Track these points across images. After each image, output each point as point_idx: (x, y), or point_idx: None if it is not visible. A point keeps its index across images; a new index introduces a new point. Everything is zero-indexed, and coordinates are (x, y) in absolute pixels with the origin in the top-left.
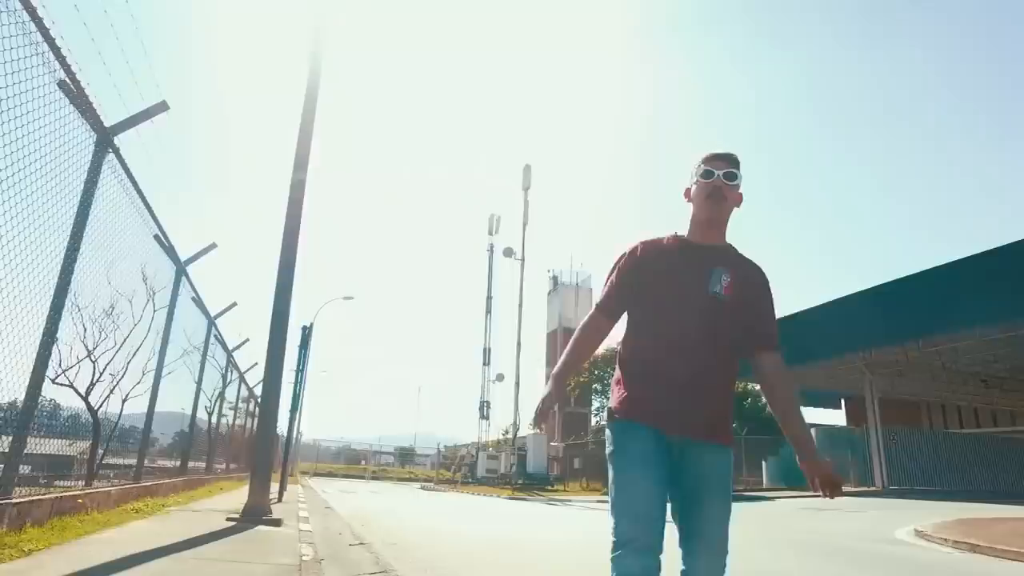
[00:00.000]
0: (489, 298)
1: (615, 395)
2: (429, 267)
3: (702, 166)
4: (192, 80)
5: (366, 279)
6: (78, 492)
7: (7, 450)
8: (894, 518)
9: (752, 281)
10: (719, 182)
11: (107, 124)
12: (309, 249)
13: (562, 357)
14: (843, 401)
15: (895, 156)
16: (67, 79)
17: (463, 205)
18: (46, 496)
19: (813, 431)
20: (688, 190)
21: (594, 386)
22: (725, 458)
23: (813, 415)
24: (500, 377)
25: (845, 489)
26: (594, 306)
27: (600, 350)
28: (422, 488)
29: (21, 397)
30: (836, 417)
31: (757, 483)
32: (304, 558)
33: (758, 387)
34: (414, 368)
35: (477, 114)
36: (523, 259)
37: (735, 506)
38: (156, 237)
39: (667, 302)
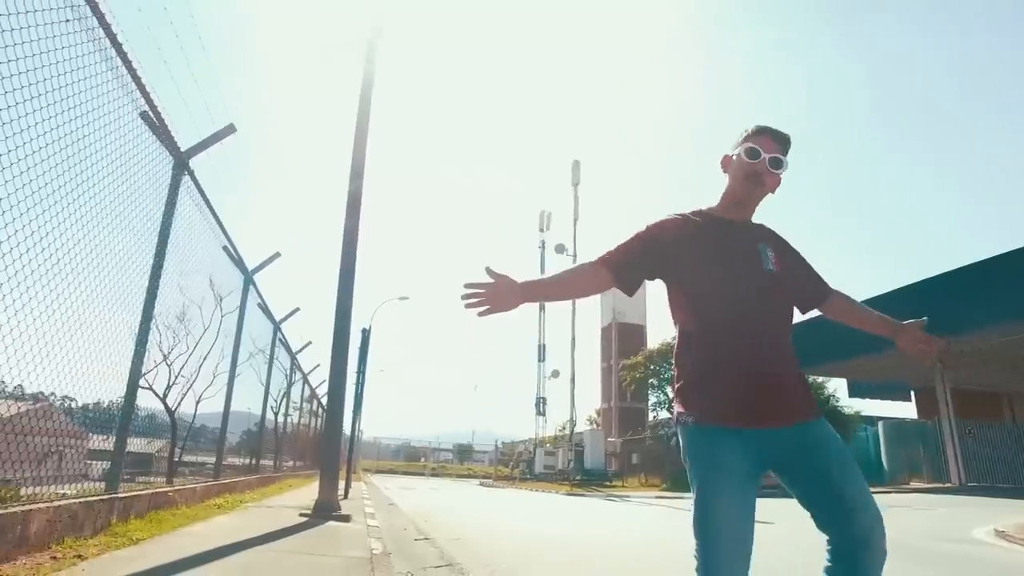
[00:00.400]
0: None
1: (684, 397)
2: (482, 264)
3: (749, 142)
4: (248, 88)
5: (420, 278)
6: (170, 488)
7: (108, 448)
8: (971, 516)
9: (783, 246)
10: (762, 167)
11: (183, 148)
12: (363, 250)
13: (543, 279)
14: (913, 393)
15: (966, 151)
16: (148, 110)
17: (513, 202)
18: (144, 492)
19: (880, 424)
20: (727, 159)
21: (650, 381)
22: (829, 427)
23: (881, 407)
24: (555, 373)
25: (916, 485)
26: (598, 257)
27: (655, 344)
28: (481, 484)
29: (107, 398)
30: (906, 410)
31: None
32: (374, 552)
33: (818, 379)
34: (471, 365)
35: (526, 112)
36: (575, 255)
37: (794, 503)
38: (225, 248)
39: (727, 286)
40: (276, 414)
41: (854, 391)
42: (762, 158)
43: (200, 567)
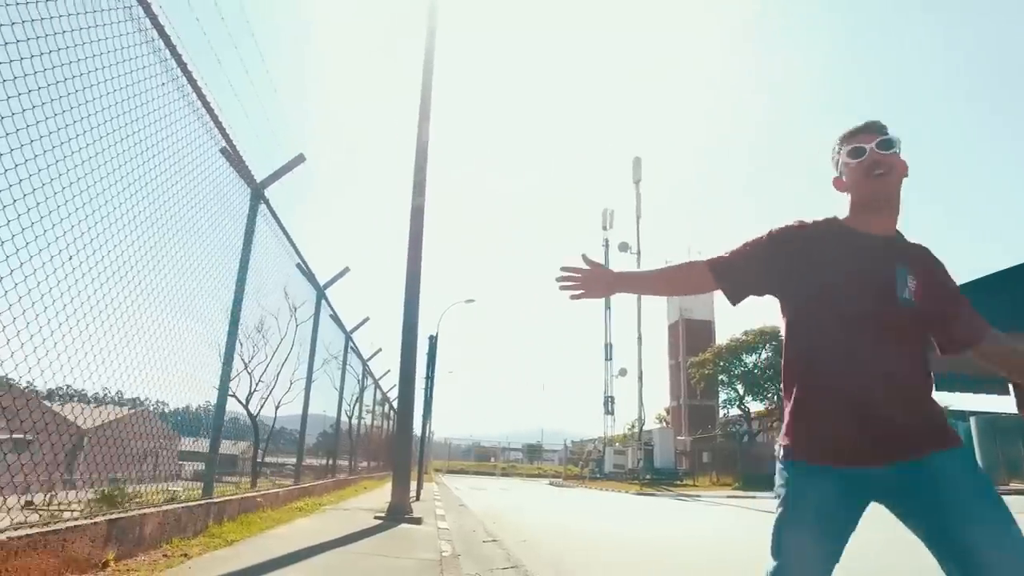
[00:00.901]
0: None
1: (786, 424)
2: (545, 264)
3: (847, 146)
4: (307, 95)
5: (484, 279)
6: (256, 493)
7: (197, 451)
8: None
9: (933, 271)
10: (876, 155)
11: (258, 179)
12: (428, 253)
13: (640, 272)
14: (1011, 386)
15: None
16: (227, 147)
17: (576, 200)
18: (234, 497)
19: (972, 420)
20: (838, 180)
21: (720, 377)
22: (965, 458)
23: (972, 402)
24: (623, 372)
25: (1017, 486)
26: (706, 259)
27: (724, 340)
28: (550, 484)
29: (195, 402)
30: (1004, 404)
31: None
32: (444, 554)
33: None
34: (539, 365)
35: (585, 107)
36: (639, 252)
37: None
38: (298, 266)
39: (850, 308)
40: (350, 418)
41: (941, 384)
42: (870, 148)
43: (288, 567)
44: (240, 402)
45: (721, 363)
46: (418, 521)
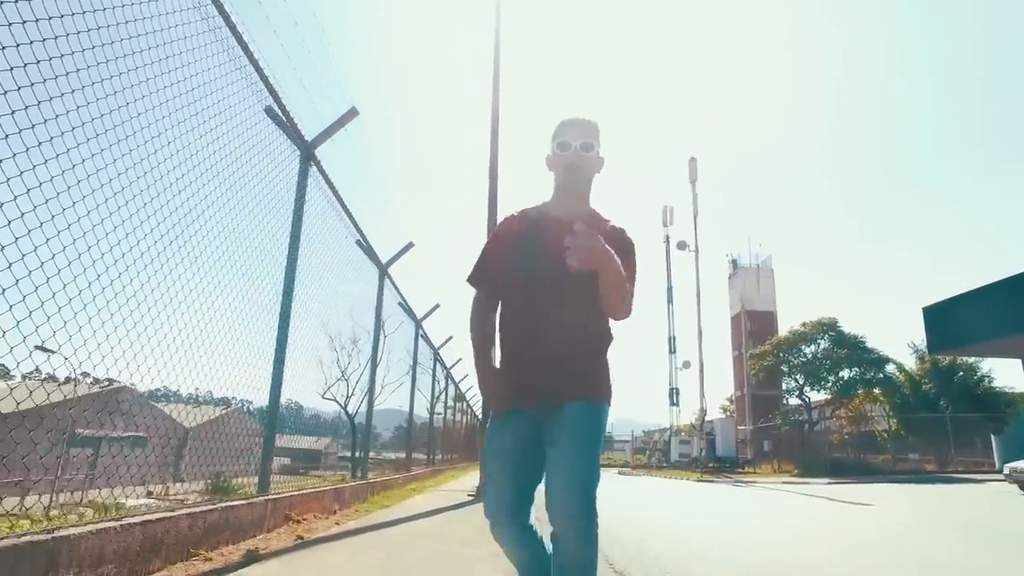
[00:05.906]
0: (669, 288)
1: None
2: None
3: (558, 138)
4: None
5: None
6: (389, 477)
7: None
8: None
9: (614, 247)
10: (574, 156)
11: (383, 261)
12: None
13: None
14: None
15: None
16: (361, 239)
17: (637, 197)
18: (378, 479)
19: None
20: (548, 158)
21: (781, 367)
22: (584, 410)
23: None
24: (687, 364)
25: None
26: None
27: (784, 332)
28: (619, 473)
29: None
30: None
31: (977, 464)
32: None
33: (969, 359)
34: (609, 356)
35: (646, 105)
36: (697, 250)
37: (931, 489)
38: (399, 304)
39: (527, 278)
40: (431, 415)
41: None
42: (573, 147)
43: (423, 519)
44: (340, 405)
45: (780, 355)
46: None
